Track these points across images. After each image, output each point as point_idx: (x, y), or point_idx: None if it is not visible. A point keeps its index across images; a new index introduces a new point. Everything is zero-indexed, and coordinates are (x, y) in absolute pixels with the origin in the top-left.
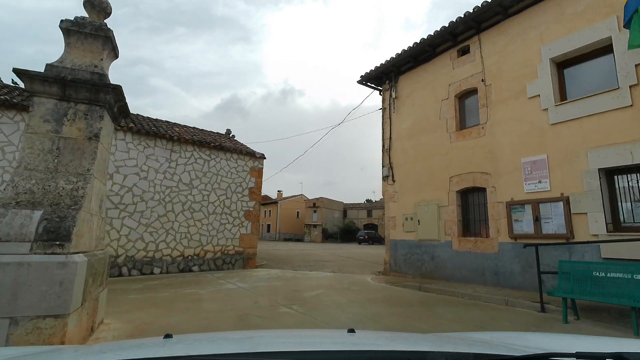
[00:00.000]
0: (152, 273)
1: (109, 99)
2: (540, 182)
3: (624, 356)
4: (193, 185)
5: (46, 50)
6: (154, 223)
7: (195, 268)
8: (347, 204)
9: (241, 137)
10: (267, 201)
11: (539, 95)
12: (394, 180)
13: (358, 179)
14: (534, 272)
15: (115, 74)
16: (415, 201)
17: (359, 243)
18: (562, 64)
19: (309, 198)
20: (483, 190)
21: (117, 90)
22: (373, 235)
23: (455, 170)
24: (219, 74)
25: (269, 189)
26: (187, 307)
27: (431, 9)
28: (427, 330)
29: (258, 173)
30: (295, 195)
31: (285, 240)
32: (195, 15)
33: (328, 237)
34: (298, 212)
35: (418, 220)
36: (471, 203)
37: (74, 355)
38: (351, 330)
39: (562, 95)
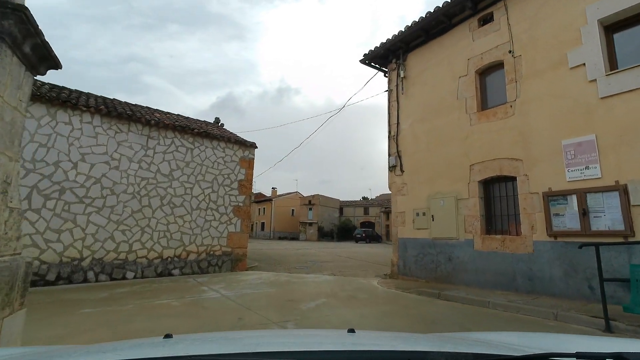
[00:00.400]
0: (124, 278)
1: (9, 28)
2: (587, 168)
3: (624, 356)
4: (174, 177)
5: None
6: (126, 220)
7: (175, 271)
8: (343, 201)
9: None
10: (261, 199)
11: (585, 64)
12: (402, 171)
13: (354, 177)
14: (579, 277)
15: (109, 71)
16: (429, 193)
17: (356, 241)
18: (611, 27)
19: (305, 195)
20: (512, 179)
21: (22, 14)
22: (370, 234)
23: (476, 157)
24: (213, 72)
25: (263, 187)
26: (147, 328)
27: (425, 9)
28: None
29: (249, 164)
30: (290, 193)
31: (280, 238)
32: (189, 13)
33: (324, 235)
34: (293, 210)
35: (432, 216)
36: (497, 195)
37: (74, 355)
38: (351, 330)
39: (612, 63)
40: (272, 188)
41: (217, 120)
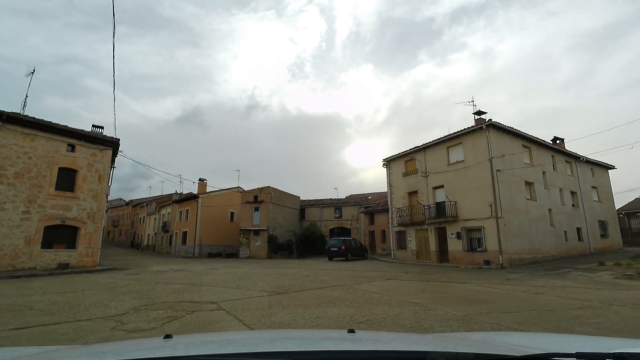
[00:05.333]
0: None
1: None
2: None
3: (624, 356)
4: None
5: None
6: None
7: None
8: (305, 200)
9: (202, 150)
10: (184, 198)
11: None
12: None
13: (313, 186)
14: None
15: (43, 72)
16: None
17: (330, 259)
18: None
19: (248, 190)
20: None
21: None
22: (352, 246)
23: None
24: (163, 78)
25: (191, 185)
26: None
27: (379, 27)
28: None
29: None
30: (229, 189)
31: (211, 255)
32: (138, 15)
33: (278, 249)
34: (233, 213)
35: None
36: None
37: (74, 355)
38: (351, 331)
39: None
40: (200, 180)
41: None
